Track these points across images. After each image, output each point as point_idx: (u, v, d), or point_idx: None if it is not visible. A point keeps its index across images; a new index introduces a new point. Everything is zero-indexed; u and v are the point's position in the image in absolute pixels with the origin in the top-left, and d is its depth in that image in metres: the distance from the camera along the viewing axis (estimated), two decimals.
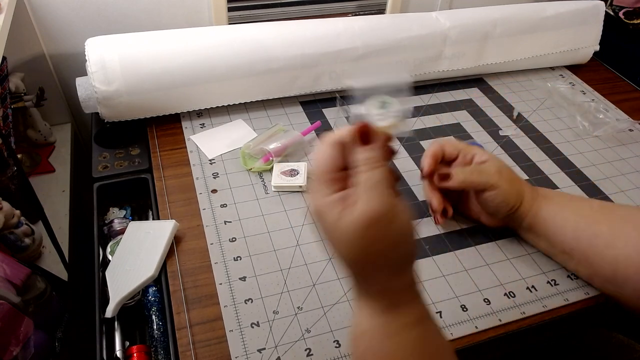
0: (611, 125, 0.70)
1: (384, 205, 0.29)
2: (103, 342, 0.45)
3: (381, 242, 0.29)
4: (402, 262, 0.31)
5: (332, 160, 0.31)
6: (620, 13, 0.89)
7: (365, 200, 0.29)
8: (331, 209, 0.30)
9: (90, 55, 0.61)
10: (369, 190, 0.29)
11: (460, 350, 0.45)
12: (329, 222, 0.30)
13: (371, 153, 0.30)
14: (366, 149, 0.31)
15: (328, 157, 0.31)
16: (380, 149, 0.31)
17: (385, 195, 0.29)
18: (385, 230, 0.29)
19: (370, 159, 0.30)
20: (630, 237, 0.45)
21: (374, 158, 0.30)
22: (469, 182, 0.49)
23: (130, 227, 0.52)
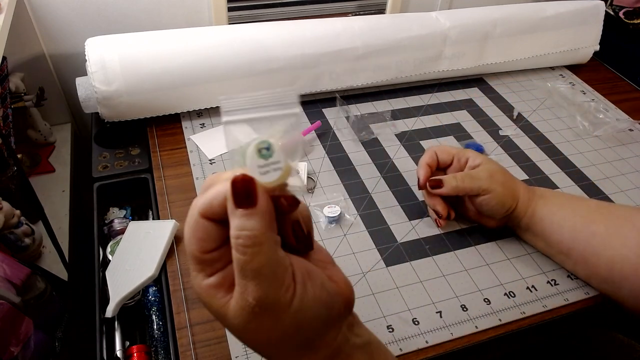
0: (611, 125, 0.70)
1: (262, 298, 0.24)
2: (103, 342, 0.45)
3: (271, 332, 0.25)
4: (306, 342, 0.26)
5: (201, 236, 0.25)
6: (620, 13, 0.89)
7: (239, 294, 0.24)
8: (210, 298, 0.25)
9: (90, 55, 0.61)
10: (244, 279, 0.24)
11: (460, 350, 0.45)
12: (213, 312, 0.26)
13: (248, 222, 0.23)
14: (242, 216, 0.23)
15: (197, 232, 0.25)
16: (264, 215, 0.23)
17: (265, 283, 0.23)
18: (272, 322, 0.24)
19: (247, 233, 0.23)
20: (627, 238, 0.45)
21: (252, 231, 0.23)
22: (461, 188, 0.49)
23: (130, 227, 0.52)
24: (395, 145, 0.66)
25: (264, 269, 0.23)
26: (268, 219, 0.24)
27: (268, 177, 0.24)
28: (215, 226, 0.25)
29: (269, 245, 0.24)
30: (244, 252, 0.23)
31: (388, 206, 0.57)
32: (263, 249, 0.23)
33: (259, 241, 0.23)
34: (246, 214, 0.23)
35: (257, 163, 0.24)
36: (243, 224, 0.23)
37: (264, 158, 0.24)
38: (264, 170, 0.24)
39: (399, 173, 0.62)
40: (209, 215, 0.25)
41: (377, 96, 0.75)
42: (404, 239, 0.53)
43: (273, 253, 0.24)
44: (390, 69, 0.72)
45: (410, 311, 0.47)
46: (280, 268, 0.24)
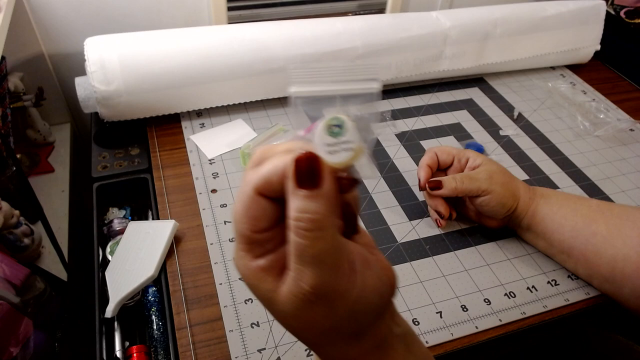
0: (612, 125, 0.70)
1: (319, 286, 0.22)
2: (103, 343, 0.45)
3: (324, 321, 0.23)
4: (358, 332, 0.25)
5: (255, 214, 0.23)
6: (621, 12, 0.89)
7: (293, 280, 0.22)
8: (259, 281, 0.24)
9: (90, 55, 0.60)
10: (301, 264, 0.22)
11: (461, 350, 0.45)
12: (260, 296, 0.24)
13: (311, 205, 0.21)
14: (304, 198, 0.21)
15: (250, 209, 0.23)
16: (328, 198, 0.21)
17: (325, 271, 0.22)
18: (326, 310, 0.23)
19: (309, 216, 0.21)
20: (628, 237, 0.45)
21: (315, 214, 0.21)
22: (460, 189, 0.49)
23: (129, 227, 0.52)
24: (395, 145, 0.66)
25: (324, 256, 0.22)
26: (332, 202, 0.22)
27: (337, 157, 0.22)
28: (271, 204, 0.23)
29: (332, 230, 0.22)
30: (304, 235, 0.21)
31: (388, 206, 0.57)
32: (325, 234, 0.21)
33: (321, 225, 0.21)
34: (309, 195, 0.21)
35: (326, 141, 0.22)
36: (305, 206, 0.21)
37: (334, 136, 0.22)
38: (333, 149, 0.22)
39: (399, 173, 0.62)
40: (266, 192, 0.23)
41: None
42: (404, 239, 0.53)
43: (335, 239, 0.22)
44: (390, 69, 0.72)
45: (411, 311, 0.46)
46: (342, 255, 0.23)
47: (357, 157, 0.22)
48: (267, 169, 0.23)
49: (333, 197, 0.22)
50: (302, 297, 0.22)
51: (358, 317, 0.24)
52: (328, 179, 0.22)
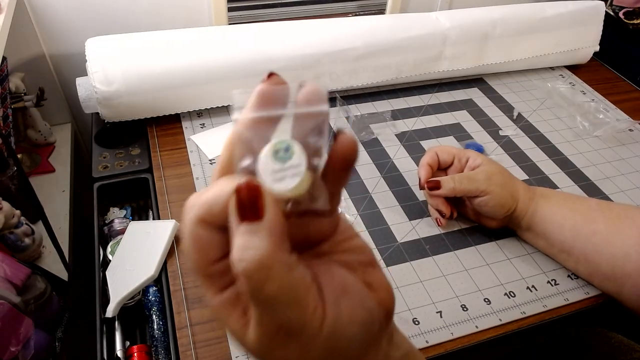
0: (611, 125, 0.70)
1: (283, 326, 0.20)
2: (103, 342, 0.45)
3: None
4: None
5: (203, 245, 0.20)
6: (620, 13, 0.89)
7: (255, 320, 0.20)
8: (226, 317, 0.21)
9: (91, 56, 0.61)
10: (257, 306, 0.20)
11: (461, 350, 0.45)
12: (230, 333, 0.22)
13: (253, 241, 0.18)
14: (245, 233, 0.19)
15: (196, 241, 0.20)
16: (272, 231, 0.19)
17: (284, 311, 0.19)
18: (299, 349, 0.21)
19: (251, 254, 0.18)
20: (628, 235, 0.45)
21: (256, 250, 0.18)
22: (459, 190, 0.49)
23: (130, 227, 0.52)
24: (395, 145, 0.66)
25: (279, 296, 0.19)
26: (277, 235, 0.19)
27: (283, 184, 0.19)
28: (219, 232, 0.20)
29: (280, 268, 0.19)
30: (250, 277, 0.18)
31: (388, 206, 0.57)
32: (273, 273, 0.19)
33: (266, 264, 0.18)
34: (250, 230, 0.19)
35: (272, 167, 0.19)
36: (247, 243, 0.19)
37: (281, 161, 0.19)
38: (280, 176, 0.19)
39: (399, 173, 0.62)
40: (209, 221, 0.20)
41: (377, 96, 0.75)
42: (404, 238, 0.53)
43: (286, 277, 0.19)
44: (390, 69, 0.72)
45: (411, 311, 0.47)
46: (301, 290, 0.20)
47: (305, 183, 0.20)
48: (209, 195, 0.20)
49: (279, 229, 0.19)
50: (270, 336, 0.20)
51: (339, 351, 0.21)
52: (271, 209, 0.19)
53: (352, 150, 0.21)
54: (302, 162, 0.19)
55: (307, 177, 0.20)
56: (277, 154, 0.19)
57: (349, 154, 0.21)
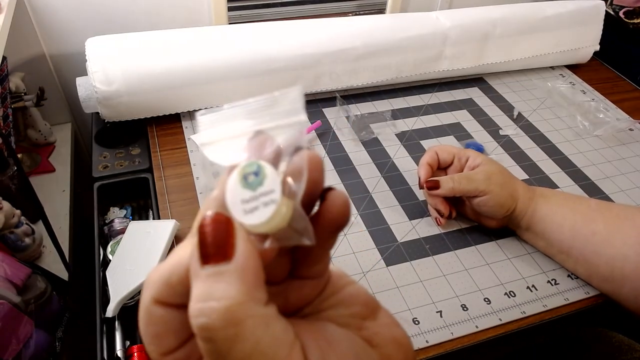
0: (611, 124, 0.70)
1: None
2: (104, 342, 0.45)
3: None
4: None
5: (159, 331, 0.17)
6: (620, 12, 0.89)
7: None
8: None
9: (91, 55, 0.61)
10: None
11: (461, 350, 0.45)
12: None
13: (217, 287, 0.15)
14: (207, 278, 0.15)
15: (151, 326, 0.17)
16: (243, 272, 0.15)
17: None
18: None
19: (213, 305, 0.14)
20: (627, 236, 0.45)
21: (222, 300, 0.14)
22: (458, 190, 0.49)
23: (130, 227, 0.52)
24: (395, 145, 0.66)
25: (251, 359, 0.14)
26: (250, 280, 0.15)
27: (255, 216, 0.16)
28: (178, 314, 0.17)
29: (253, 323, 0.14)
30: (210, 337, 0.14)
31: (388, 206, 0.57)
32: (243, 330, 0.14)
33: (234, 319, 0.14)
34: (214, 273, 0.15)
35: (241, 196, 0.16)
36: (208, 290, 0.14)
37: (251, 188, 0.16)
38: (251, 206, 0.16)
39: (399, 173, 0.62)
40: (167, 299, 0.16)
41: (377, 96, 0.75)
42: (404, 238, 0.53)
43: (263, 334, 0.15)
44: (390, 69, 0.72)
45: (411, 311, 0.47)
46: (281, 352, 0.15)
47: (283, 213, 0.16)
48: (165, 266, 0.16)
49: (252, 272, 0.15)
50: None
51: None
52: (243, 246, 0.15)
53: (345, 212, 0.18)
54: (275, 188, 0.16)
55: (284, 206, 0.16)
56: (246, 179, 0.16)
57: (341, 216, 0.18)
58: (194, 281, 0.15)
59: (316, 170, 0.17)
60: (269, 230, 0.16)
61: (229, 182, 0.16)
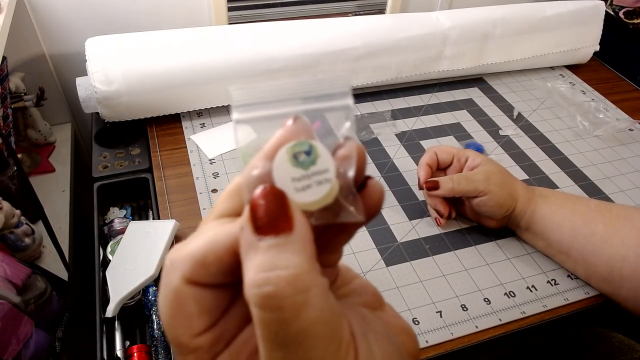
0: (611, 124, 0.70)
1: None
2: (103, 342, 0.45)
3: None
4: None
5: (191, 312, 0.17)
6: (620, 13, 0.89)
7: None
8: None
9: (91, 55, 0.61)
10: (280, 349, 0.15)
11: (461, 350, 0.45)
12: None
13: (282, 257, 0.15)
14: (269, 249, 0.15)
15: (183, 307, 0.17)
16: (305, 245, 0.15)
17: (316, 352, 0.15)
18: None
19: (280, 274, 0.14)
20: (627, 237, 0.45)
21: (287, 269, 0.14)
22: (457, 190, 0.49)
23: (130, 227, 0.52)
24: (395, 145, 0.66)
25: (314, 329, 0.15)
26: (310, 251, 0.15)
27: (308, 194, 0.16)
28: (211, 292, 0.17)
29: (318, 291, 0.15)
30: (277, 306, 0.14)
31: (388, 206, 0.57)
32: (311, 298, 0.14)
33: (303, 286, 0.14)
34: (277, 244, 0.15)
35: (292, 174, 0.16)
36: (273, 260, 0.14)
37: (302, 167, 0.16)
38: (302, 184, 0.16)
39: (399, 173, 0.62)
40: (200, 278, 0.16)
41: (377, 96, 0.75)
42: (404, 238, 0.53)
43: (325, 301, 0.15)
44: (390, 69, 0.72)
45: (411, 311, 0.47)
46: (337, 321, 0.15)
47: (336, 191, 0.16)
48: (196, 245, 0.16)
49: (310, 243, 0.15)
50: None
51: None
52: (301, 219, 0.15)
53: (381, 200, 0.18)
54: (330, 167, 0.16)
55: (336, 183, 0.16)
56: (297, 158, 0.16)
57: (378, 203, 0.18)
58: (250, 254, 0.15)
59: (362, 158, 0.17)
60: (318, 207, 0.16)
61: (276, 161, 0.16)
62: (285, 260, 0.14)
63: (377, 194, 0.18)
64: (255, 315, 0.15)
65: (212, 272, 0.16)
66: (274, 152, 0.16)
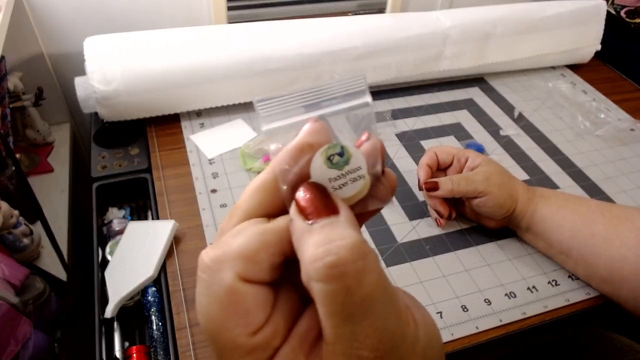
0: (612, 124, 0.70)
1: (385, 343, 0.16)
2: (102, 343, 0.45)
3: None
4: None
5: (247, 308, 0.17)
6: (621, 12, 0.88)
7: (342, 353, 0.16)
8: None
9: (89, 55, 0.60)
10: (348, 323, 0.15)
11: (461, 351, 0.44)
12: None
13: (338, 231, 0.16)
14: (324, 227, 0.16)
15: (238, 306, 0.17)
16: (355, 224, 0.17)
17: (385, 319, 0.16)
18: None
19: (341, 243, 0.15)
20: (627, 238, 0.45)
21: (347, 238, 0.16)
22: (457, 191, 0.49)
23: (129, 227, 0.52)
24: (395, 145, 0.66)
25: (377, 295, 0.15)
26: (358, 228, 0.17)
27: (346, 191, 0.18)
28: (261, 289, 0.17)
29: (374, 257, 0.16)
30: (340, 274, 0.15)
31: (388, 206, 0.57)
32: (370, 263, 0.15)
33: (362, 251, 0.15)
34: (329, 223, 0.16)
35: (329, 175, 0.18)
36: (327, 235, 0.16)
37: (337, 167, 0.18)
38: (339, 183, 0.18)
39: (399, 173, 0.61)
40: (253, 275, 0.17)
41: (377, 96, 0.75)
42: (404, 239, 0.53)
43: (381, 269, 0.16)
44: (390, 69, 0.72)
45: None
46: (392, 288, 0.17)
47: (368, 185, 0.18)
48: (246, 243, 0.17)
49: (357, 224, 0.17)
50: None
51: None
52: (344, 205, 0.17)
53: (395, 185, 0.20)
54: (362, 166, 0.18)
55: (369, 179, 0.18)
56: (332, 160, 0.18)
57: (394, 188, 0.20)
58: (304, 237, 0.16)
59: (383, 151, 0.19)
60: (354, 201, 0.18)
61: (313, 164, 0.18)
62: (341, 233, 0.16)
63: (393, 181, 0.20)
64: (318, 292, 0.15)
65: (264, 269, 0.17)
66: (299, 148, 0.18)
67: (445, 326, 0.45)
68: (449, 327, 0.45)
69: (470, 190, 0.49)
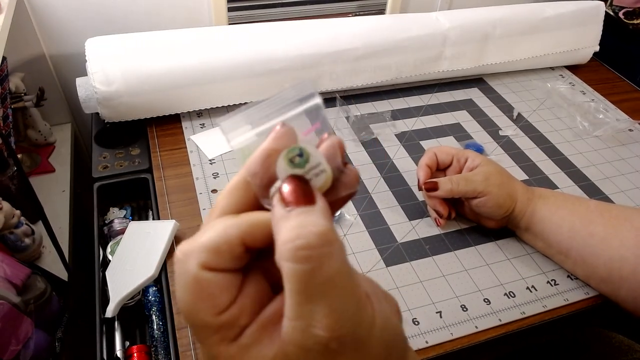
0: (611, 125, 0.70)
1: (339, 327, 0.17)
2: (103, 342, 0.45)
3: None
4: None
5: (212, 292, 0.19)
6: (620, 13, 0.89)
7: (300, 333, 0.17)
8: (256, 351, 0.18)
9: (90, 56, 0.61)
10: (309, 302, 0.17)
11: (460, 351, 0.45)
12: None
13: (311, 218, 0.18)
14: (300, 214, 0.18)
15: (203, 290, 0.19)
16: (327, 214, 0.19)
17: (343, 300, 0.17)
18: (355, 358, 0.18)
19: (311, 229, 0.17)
20: (626, 238, 0.45)
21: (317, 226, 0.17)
22: (456, 191, 0.49)
23: (130, 227, 0.52)
24: (395, 146, 0.66)
25: (338, 279, 0.17)
26: (330, 218, 0.18)
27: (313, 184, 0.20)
28: (223, 276, 0.19)
29: (340, 246, 0.18)
30: (308, 257, 0.17)
31: (388, 206, 0.57)
32: (335, 250, 0.17)
33: (329, 238, 0.17)
34: (305, 211, 0.18)
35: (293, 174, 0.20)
36: (304, 221, 0.17)
37: (300, 167, 0.19)
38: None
39: (399, 173, 0.62)
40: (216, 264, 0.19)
41: (377, 96, 0.75)
42: (404, 239, 0.53)
43: (346, 257, 0.18)
44: (390, 70, 0.72)
45: (410, 311, 0.47)
46: (354, 276, 0.18)
47: (331, 176, 0.20)
48: (209, 236, 0.19)
49: (330, 214, 0.19)
50: (320, 349, 0.17)
51: (393, 348, 0.19)
52: (320, 196, 0.19)
53: (357, 179, 0.22)
54: (321, 161, 0.20)
55: (330, 171, 0.20)
56: (293, 161, 0.20)
57: (355, 182, 0.22)
58: (282, 222, 0.18)
59: (342, 145, 0.21)
60: (322, 192, 0.20)
61: (278, 167, 0.20)
62: (313, 221, 0.17)
63: (355, 171, 0.22)
64: (286, 270, 0.17)
65: (225, 259, 0.19)
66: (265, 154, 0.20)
67: (445, 326, 0.46)
68: (448, 327, 0.45)
69: (470, 191, 0.49)
